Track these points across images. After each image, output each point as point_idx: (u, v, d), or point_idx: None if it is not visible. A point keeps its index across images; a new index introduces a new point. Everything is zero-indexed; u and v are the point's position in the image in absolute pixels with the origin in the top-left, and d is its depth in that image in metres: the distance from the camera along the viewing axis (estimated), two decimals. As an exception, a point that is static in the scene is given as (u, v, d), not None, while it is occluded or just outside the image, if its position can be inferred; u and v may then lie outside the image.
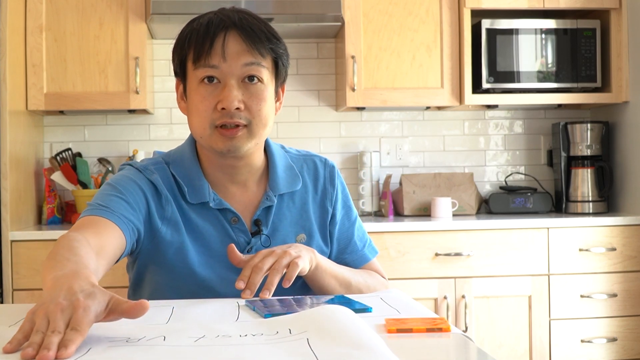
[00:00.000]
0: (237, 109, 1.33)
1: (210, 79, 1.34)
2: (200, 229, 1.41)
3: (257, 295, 1.26)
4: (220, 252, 1.40)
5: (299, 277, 1.37)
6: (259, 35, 1.35)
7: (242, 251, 1.41)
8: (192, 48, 1.35)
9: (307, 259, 1.33)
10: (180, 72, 1.41)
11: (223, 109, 1.33)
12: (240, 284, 1.25)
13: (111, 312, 0.93)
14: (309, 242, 1.47)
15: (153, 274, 1.45)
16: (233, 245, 1.32)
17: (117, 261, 1.34)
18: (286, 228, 1.46)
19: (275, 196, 1.45)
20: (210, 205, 1.41)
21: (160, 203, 1.41)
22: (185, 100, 1.42)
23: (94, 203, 1.36)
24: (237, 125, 1.35)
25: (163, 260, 1.41)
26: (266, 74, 1.37)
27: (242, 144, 1.36)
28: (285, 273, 1.28)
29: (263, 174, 1.48)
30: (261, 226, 1.43)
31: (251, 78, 1.35)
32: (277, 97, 1.44)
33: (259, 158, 1.46)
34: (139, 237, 1.39)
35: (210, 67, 1.33)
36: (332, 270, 1.42)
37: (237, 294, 1.29)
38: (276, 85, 1.42)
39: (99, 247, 1.23)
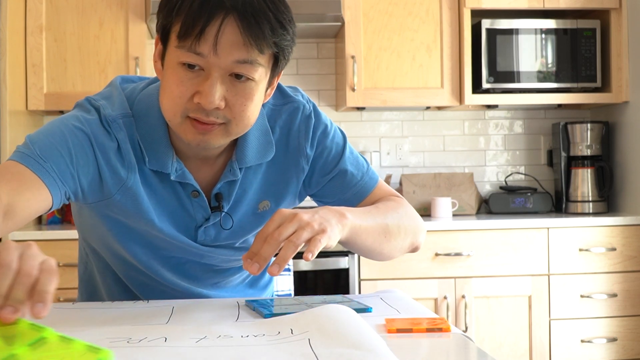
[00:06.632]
0: (217, 107, 1.12)
1: (193, 65, 1.11)
2: (163, 196, 1.25)
3: (264, 271, 1.08)
4: (179, 225, 1.27)
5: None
6: (262, 26, 1.09)
7: (199, 227, 1.27)
8: (180, 22, 1.09)
9: (337, 230, 1.11)
10: (161, 36, 1.16)
11: (199, 103, 1.12)
12: (247, 263, 1.04)
13: None
14: (274, 208, 1.31)
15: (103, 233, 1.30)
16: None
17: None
18: (249, 197, 1.30)
19: (241, 169, 1.26)
20: (172, 177, 1.23)
21: (121, 166, 1.21)
22: (162, 65, 1.17)
23: (32, 146, 1.18)
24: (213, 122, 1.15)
25: (118, 224, 1.27)
26: (260, 71, 1.13)
27: (214, 141, 1.16)
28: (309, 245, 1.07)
29: (231, 142, 1.25)
30: (222, 202, 1.27)
31: (239, 76, 1.12)
32: (270, 84, 1.22)
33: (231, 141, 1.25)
34: (77, 196, 1.21)
35: (196, 54, 1.09)
36: (367, 226, 1.21)
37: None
38: (271, 77, 1.19)
39: (9, 207, 1.06)
